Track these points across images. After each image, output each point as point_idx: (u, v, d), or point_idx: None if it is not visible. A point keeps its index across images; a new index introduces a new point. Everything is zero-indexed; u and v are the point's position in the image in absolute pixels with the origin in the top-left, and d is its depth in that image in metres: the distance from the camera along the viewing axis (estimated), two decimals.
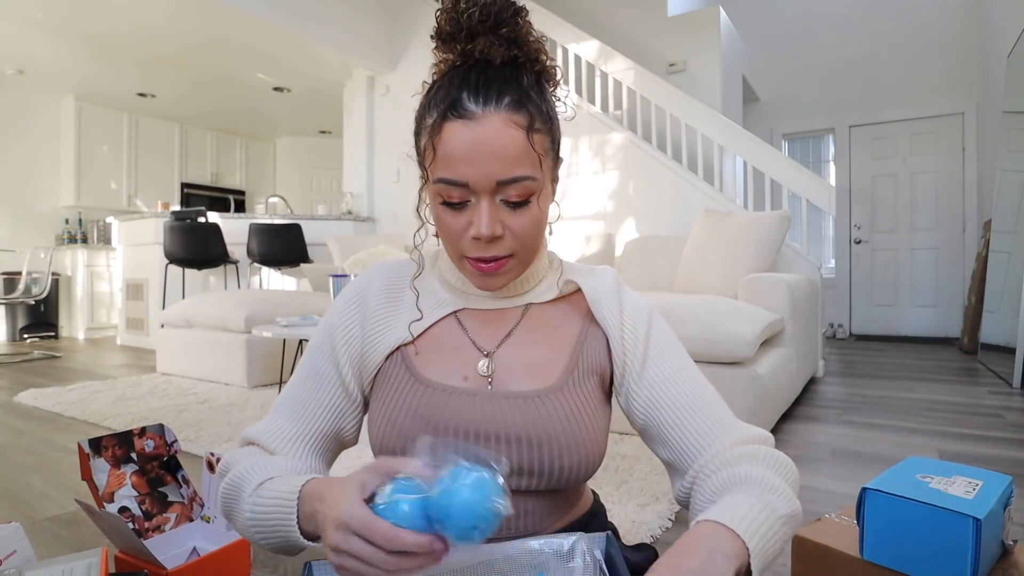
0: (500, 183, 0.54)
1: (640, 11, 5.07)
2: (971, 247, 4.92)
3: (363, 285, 0.67)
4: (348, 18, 4.64)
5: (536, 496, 0.60)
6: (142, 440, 1.08)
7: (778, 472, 0.56)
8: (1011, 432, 2.07)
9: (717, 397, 0.64)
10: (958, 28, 4.95)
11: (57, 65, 5.00)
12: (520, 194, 0.56)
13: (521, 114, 0.55)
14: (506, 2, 0.56)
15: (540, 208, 0.59)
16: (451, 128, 0.54)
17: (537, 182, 0.57)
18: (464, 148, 0.53)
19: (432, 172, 0.56)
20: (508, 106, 0.54)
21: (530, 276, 0.66)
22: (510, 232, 0.57)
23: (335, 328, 0.65)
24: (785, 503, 0.52)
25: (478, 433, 0.57)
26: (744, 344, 1.79)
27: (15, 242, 5.45)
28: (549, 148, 0.60)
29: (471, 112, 0.54)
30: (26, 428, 2.19)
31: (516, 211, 0.56)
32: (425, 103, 0.58)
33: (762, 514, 0.49)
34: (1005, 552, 0.68)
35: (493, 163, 0.53)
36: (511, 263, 0.59)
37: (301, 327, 2.34)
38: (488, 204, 0.55)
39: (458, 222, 0.57)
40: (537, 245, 0.62)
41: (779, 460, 0.57)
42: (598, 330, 0.66)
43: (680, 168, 3.62)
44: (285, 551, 0.55)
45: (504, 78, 0.56)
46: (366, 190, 5.12)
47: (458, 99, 0.54)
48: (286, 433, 0.63)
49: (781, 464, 0.57)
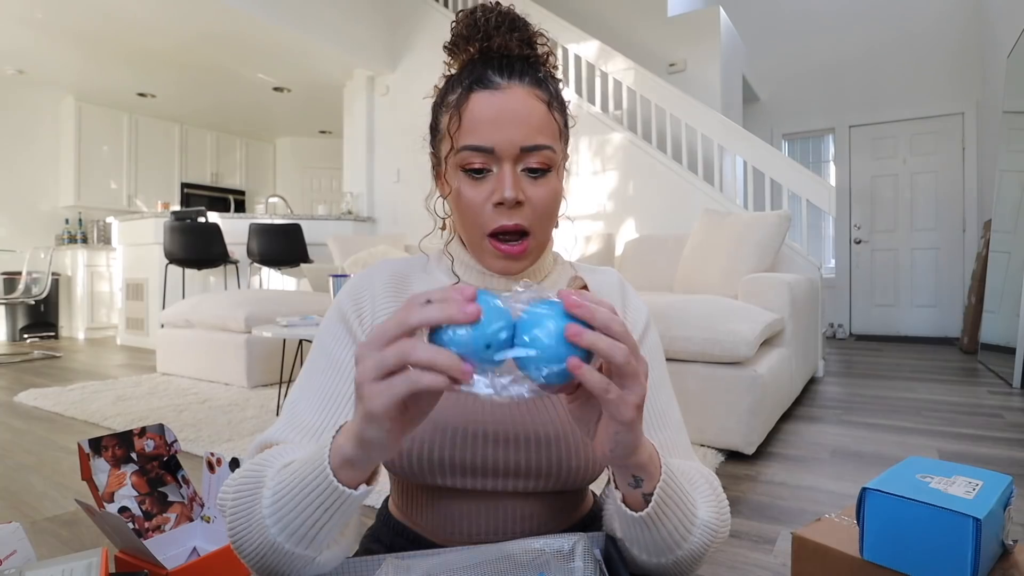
0: (524, 149, 0.56)
1: (640, 11, 5.07)
2: (971, 247, 4.92)
3: (370, 276, 0.66)
4: (348, 18, 4.64)
5: (542, 498, 0.60)
6: (142, 440, 1.08)
7: (715, 500, 0.55)
8: (1011, 432, 2.07)
9: (681, 422, 0.64)
10: (958, 28, 4.96)
11: (57, 65, 5.00)
12: (541, 162, 0.58)
13: (542, 90, 0.59)
14: (517, 12, 0.61)
15: (558, 181, 0.61)
16: (478, 97, 0.57)
17: (556, 154, 0.59)
18: (491, 114, 0.56)
19: (457, 141, 0.58)
20: (530, 82, 0.58)
21: (538, 270, 0.66)
22: (530, 203, 0.58)
23: (347, 314, 0.63)
24: (704, 511, 0.52)
25: (486, 433, 0.57)
26: (744, 344, 1.79)
27: (15, 242, 5.45)
28: (563, 130, 0.62)
29: (497, 83, 0.57)
30: (26, 428, 2.19)
31: (536, 181, 0.58)
32: (447, 85, 0.61)
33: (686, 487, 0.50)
34: (1005, 552, 0.68)
35: (518, 129, 0.56)
36: (530, 244, 0.60)
37: (301, 327, 2.34)
38: (511, 169, 0.57)
39: (480, 192, 0.58)
40: (551, 227, 0.62)
41: (719, 495, 0.56)
42: None
43: (680, 168, 3.62)
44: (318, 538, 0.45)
45: (524, 64, 0.60)
46: (366, 190, 5.12)
47: (484, 74, 0.58)
48: (310, 426, 0.56)
49: (719, 498, 0.56)
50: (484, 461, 0.56)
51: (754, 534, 1.28)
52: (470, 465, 0.56)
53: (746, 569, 1.12)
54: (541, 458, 0.57)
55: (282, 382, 2.68)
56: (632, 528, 0.49)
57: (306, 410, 0.57)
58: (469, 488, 0.57)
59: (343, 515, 0.45)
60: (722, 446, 1.83)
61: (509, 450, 0.56)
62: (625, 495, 0.48)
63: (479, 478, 0.56)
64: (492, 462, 0.56)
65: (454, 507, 0.58)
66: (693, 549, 0.51)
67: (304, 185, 7.55)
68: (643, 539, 0.50)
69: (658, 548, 0.50)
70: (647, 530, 0.49)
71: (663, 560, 0.51)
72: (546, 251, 0.67)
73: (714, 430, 1.84)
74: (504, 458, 0.56)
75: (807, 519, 1.35)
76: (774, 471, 1.69)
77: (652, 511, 0.47)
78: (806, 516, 1.37)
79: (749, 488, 1.56)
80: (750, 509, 1.42)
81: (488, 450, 0.56)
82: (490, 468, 0.56)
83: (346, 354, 0.60)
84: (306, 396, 0.58)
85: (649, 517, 0.48)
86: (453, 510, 0.59)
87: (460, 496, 0.58)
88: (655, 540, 0.49)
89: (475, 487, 0.57)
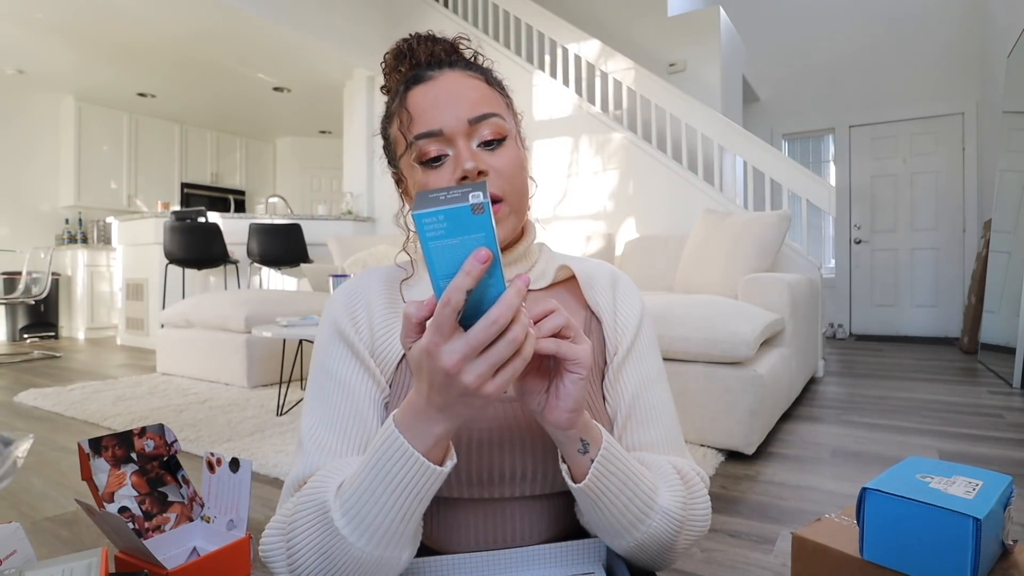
0: (472, 121, 0.57)
1: (640, 11, 5.07)
2: (971, 247, 4.92)
3: (361, 285, 0.65)
4: (348, 18, 4.64)
5: (545, 501, 0.59)
6: (142, 440, 1.08)
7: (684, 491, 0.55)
8: (1011, 432, 2.07)
9: (676, 419, 0.64)
10: (958, 28, 4.96)
11: (57, 65, 5.00)
12: (494, 132, 0.58)
13: (474, 71, 0.61)
14: (435, 33, 0.66)
15: (518, 149, 0.61)
16: (415, 91, 0.59)
17: (507, 123, 0.60)
18: (431, 99, 0.58)
19: (409, 134, 0.59)
20: (462, 67, 0.61)
21: (524, 256, 0.65)
22: (494, 171, 0.58)
23: (344, 329, 0.61)
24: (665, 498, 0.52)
25: (492, 441, 0.56)
26: (744, 344, 1.79)
27: (15, 242, 5.45)
28: (508, 100, 0.64)
29: (430, 75, 0.60)
30: (26, 428, 2.19)
31: (495, 152, 0.58)
32: (388, 102, 0.65)
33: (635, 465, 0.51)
34: (1005, 552, 0.68)
35: (460, 105, 0.57)
36: (503, 209, 0.59)
37: (301, 327, 2.34)
38: (465, 144, 0.57)
39: (441, 177, 0.57)
40: (524, 191, 0.62)
41: (694, 488, 0.56)
42: (597, 323, 0.65)
43: (680, 168, 3.62)
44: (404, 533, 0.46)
45: (452, 58, 0.63)
46: (366, 190, 5.12)
47: (416, 73, 0.61)
48: (339, 451, 0.55)
49: (693, 490, 0.56)
50: (490, 469, 0.55)
51: (754, 534, 1.28)
52: (476, 474, 0.55)
53: (746, 569, 1.12)
54: (548, 461, 0.56)
55: (282, 382, 2.68)
56: (584, 503, 0.50)
57: (330, 436, 0.56)
58: (476, 497, 0.56)
59: (428, 499, 0.46)
60: (722, 446, 1.83)
61: (515, 455, 0.56)
62: (573, 466, 0.49)
63: (485, 487, 0.56)
64: (498, 469, 0.55)
65: (458, 516, 0.58)
66: (655, 535, 0.51)
67: (304, 185, 7.55)
68: (597, 518, 0.51)
69: (613, 528, 0.51)
70: (596, 507, 0.49)
71: (623, 543, 0.52)
72: (527, 232, 0.65)
73: (714, 430, 1.84)
74: (510, 464, 0.55)
75: (807, 519, 1.35)
76: (774, 471, 1.69)
77: (593, 482, 0.48)
78: (806, 516, 1.37)
79: (749, 488, 1.56)
80: (750, 509, 1.42)
81: (494, 456, 0.55)
82: (496, 475, 0.55)
83: (352, 373, 0.60)
84: (325, 423, 0.57)
85: (591, 489, 0.48)
86: (457, 518, 0.58)
87: (463, 505, 0.57)
88: (608, 519, 0.50)
89: (481, 496, 0.56)
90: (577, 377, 0.44)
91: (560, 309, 0.44)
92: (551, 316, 0.44)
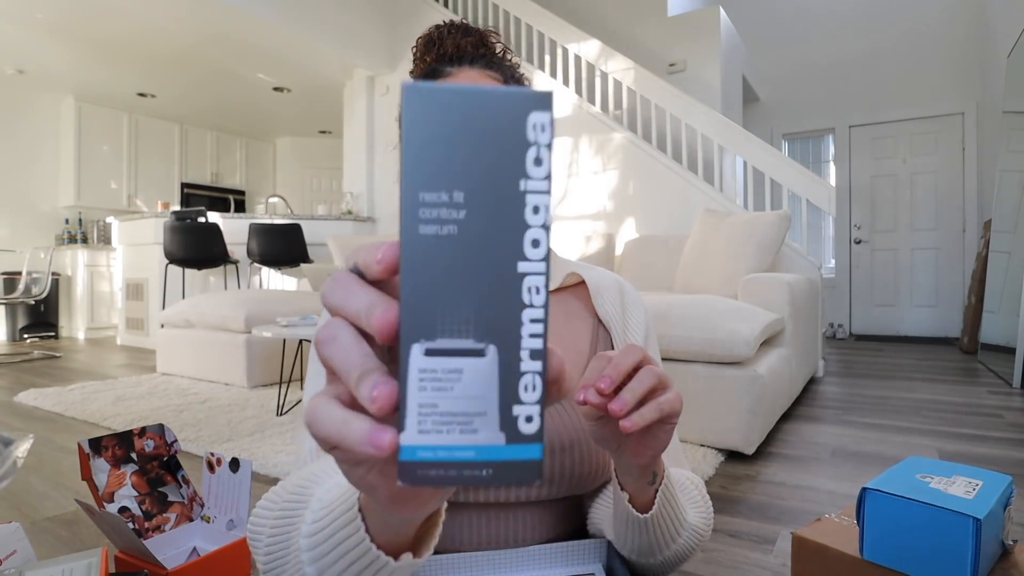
0: None
1: (640, 11, 5.07)
2: (971, 247, 4.92)
3: None
4: (348, 18, 4.64)
5: (548, 504, 0.59)
6: (142, 440, 1.08)
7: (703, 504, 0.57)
8: (1011, 432, 2.07)
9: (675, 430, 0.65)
10: (958, 28, 4.96)
11: (57, 65, 5.00)
12: None
13: (494, 70, 0.61)
14: (469, 24, 0.65)
15: None
16: None
17: None
18: None
19: None
20: (481, 65, 0.60)
21: None
22: None
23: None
24: (692, 515, 0.53)
25: None
26: (744, 344, 1.79)
27: (15, 242, 5.45)
28: None
29: (449, 71, 0.59)
30: (26, 428, 2.19)
31: None
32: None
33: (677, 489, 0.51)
34: (1005, 552, 0.68)
35: None
36: None
37: (301, 327, 2.34)
38: None
39: None
40: None
41: (706, 499, 0.58)
42: (604, 331, 0.65)
43: (680, 168, 3.62)
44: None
45: (475, 56, 0.62)
46: (366, 190, 5.12)
47: (436, 67, 0.60)
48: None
49: (706, 502, 0.58)
50: None
51: (754, 534, 1.28)
52: None
53: (746, 569, 1.12)
54: (554, 465, 0.56)
55: (282, 382, 2.68)
56: (631, 529, 0.49)
57: None
58: (482, 501, 0.56)
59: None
60: (722, 446, 1.83)
61: None
62: (635, 494, 0.47)
63: (491, 491, 0.55)
64: None
65: (460, 518, 0.57)
66: (679, 551, 0.52)
67: (304, 185, 7.55)
68: (638, 540, 0.50)
69: (649, 548, 0.50)
70: (645, 532, 0.48)
71: (650, 560, 0.52)
72: None
73: (714, 430, 1.84)
74: None
75: (807, 519, 1.35)
76: (774, 471, 1.69)
77: (656, 511, 0.48)
78: (806, 516, 1.37)
79: (749, 488, 1.56)
80: (750, 509, 1.42)
81: None
82: None
83: None
84: None
85: (652, 517, 0.48)
86: (459, 520, 0.57)
87: (467, 508, 0.57)
88: (648, 541, 0.50)
89: (487, 500, 0.56)
90: (671, 427, 0.40)
91: (650, 360, 0.38)
92: (642, 373, 0.37)
